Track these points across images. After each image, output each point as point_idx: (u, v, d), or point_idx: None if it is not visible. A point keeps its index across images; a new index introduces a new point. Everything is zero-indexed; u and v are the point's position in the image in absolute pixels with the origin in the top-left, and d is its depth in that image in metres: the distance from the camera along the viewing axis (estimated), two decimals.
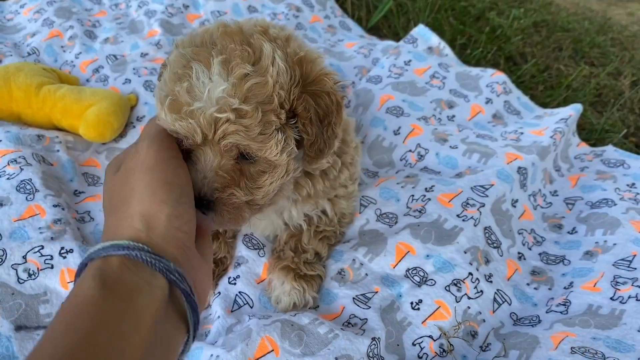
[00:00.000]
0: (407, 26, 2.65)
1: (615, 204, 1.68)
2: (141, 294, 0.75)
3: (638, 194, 1.72)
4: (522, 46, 2.76)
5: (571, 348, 1.26)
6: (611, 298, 1.40)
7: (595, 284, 1.45)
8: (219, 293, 1.47)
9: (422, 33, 2.35)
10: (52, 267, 1.37)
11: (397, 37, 2.66)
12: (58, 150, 1.72)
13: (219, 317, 1.42)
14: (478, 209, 1.58)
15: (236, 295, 1.47)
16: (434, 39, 2.33)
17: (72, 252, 1.39)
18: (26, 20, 2.31)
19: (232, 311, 1.45)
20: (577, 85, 2.48)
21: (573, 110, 1.96)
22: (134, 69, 2.07)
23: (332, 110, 1.16)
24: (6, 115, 1.78)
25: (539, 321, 1.43)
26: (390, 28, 2.74)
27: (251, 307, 1.47)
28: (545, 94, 2.40)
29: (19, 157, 1.58)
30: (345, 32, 2.61)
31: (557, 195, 1.84)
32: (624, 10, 3.67)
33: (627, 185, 1.77)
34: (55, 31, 2.21)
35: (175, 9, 2.37)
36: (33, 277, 1.34)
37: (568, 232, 1.70)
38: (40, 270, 1.35)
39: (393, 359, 1.37)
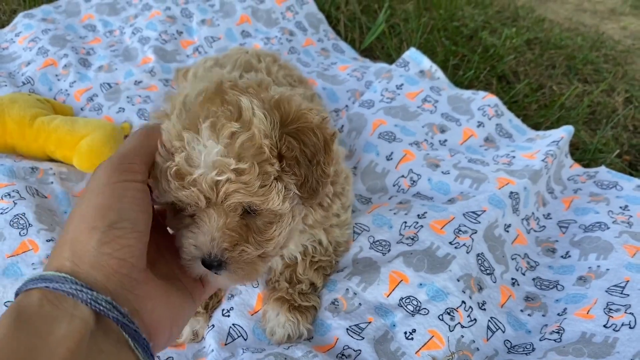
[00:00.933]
0: (400, 47, 2.67)
1: (608, 227, 1.69)
2: (59, 327, 0.73)
3: (631, 216, 1.72)
4: (515, 65, 2.77)
5: None
6: (604, 326, 1.40)
7: (589, 310, 1.45)
8: (213, 326, 1.47)
9: (414, 56, 2.37)
10: None
11: (390, 58, 2.68)
12: (52, 182, 1.72)
13: (212, 350, 1.42)
14: (470, 236, 1.58)
15: (230, 327, 1.47)
16: (426, 62, 2.35)
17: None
18: (21, 48, 2.33)
19: (225, 344, 1.45)
20: (570, 104, 2.50)
21: (565, 132, 1.96)
22: (127, 97, 2.08)
23: (319, 148, 1.16)
24: (0, 147, 1.79)
25: (533, 349, 1.42)
26: (383, 49, 2.76)
27: (245, 340, 1.47)
28: (539, 113, 2.41)
29: (13, 190, 1.59)
30: (338, 55, 2.63)
31: (550, 218, 1.84)
32: (617, 25, 3.70)
33: (620, 207, 1.77)
34: (50, 60, 2.23)
35: (168, 36, 2.39)
36: None
37: (562, 257, 1.70)
38: None
39: None
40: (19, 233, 1.49)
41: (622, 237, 1.63)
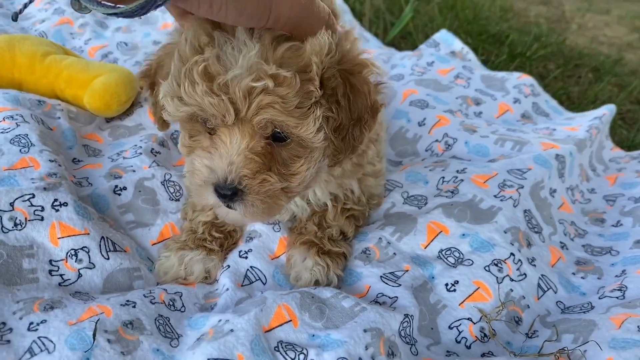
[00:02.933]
0: (426, 40, 2.60)
1: None
2: None
3: None
4: (541, 67, 2.70)
5: (638, 327, 1.09)
6: None
7: None
8: (228, 266, 1.29)
9: (445, 38, 2.29)
10: (42, 219, 1.20)
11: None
12: (59, 117, 1.58)
13: (227, 289, 1.24)
14: (517, 190, 1.43)
15: (247, 270, 1.30)
16: (457, 44, 2.27)
17: (66, 205, 1.23)
18: (36, 10, 2.24)
19: (242, 285, 1.27)
20: (604, 99, 2.40)
21: (607, 110, 1.86)
22: (145, 53, 1.98)
23: (366, 106, 1.04)
24: (6, 82, 1.66)
25: (592, 307, 1.25)
26: (407, 45, 2.69)
27: (264, 284, 1.29)
28: (572, 107, 2.31)
29: (16, 114, 1.44)
30: (363, 43, 2.55)
31: (595, 192, 1.70)
32: (635, 56, 3.67)
33: None
34: (66, 19, 2.14)
35: None
36: (19, 227, 1.17)
37: (612, 225, 1.55)
38: (29, 220, 1.18)
39: (427, 342, 1.19)
40: (20, 150, 1.34)
41: None
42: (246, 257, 1.32)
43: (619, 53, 3.44)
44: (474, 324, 1.20)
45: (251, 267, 1.30)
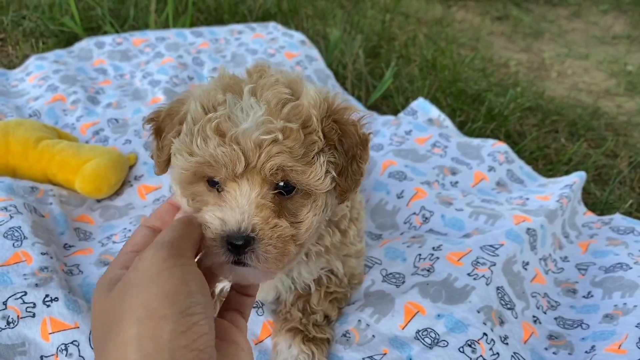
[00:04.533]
0: (406, 104, 2.70)
1: (630, 268, 1.61)
2: None
3: None
4: (519, 126, 2.80)
5: None
6: None
7: (620, 345, 1.35)
8: None
9: (422, 106, 2.39)
10: (33, 315, 1.25)
11: (397, 114, 2.70)
12: (51, 203, 1.65)
13: None
14: (489, 268, 1.50)
15: None
16: (434, 112, 2.36)
17: (57, 300, 1.29)
18: (30, 86, 2.33)
19: None
20: (578, 160, 2.49)
21: (577, 177, 1.94)
22: (135, 130, 2.06)
23: (357, 143, 1.13)
24: (1, 169, 1.73)
25: None
26: (389, 107, 2.79)
27: None
28: (546, 168, 2.40)
29: (10, 205, 1.51)
30: None
31: (567, 261, 1.77)
32: (613, 103, 3.79)
33: None
34: (59, 95, 2.23)
35: (179, 80, 2.41)
36: (12, 325, 1.23)
37: (583, 297, 1.61)
38: (21, 318, 1.24)
39: None
40: (13, 244, 1.40)
41: None
42: None
43: (597, 101, 3.56)
44: None
45: None
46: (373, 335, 1.39)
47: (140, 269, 0.76)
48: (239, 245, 1.00)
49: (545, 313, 1.56)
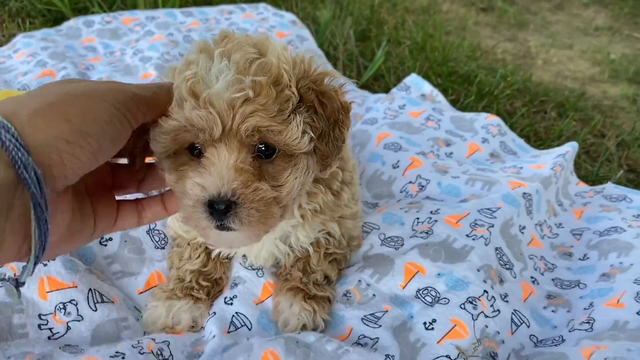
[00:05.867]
0: (398, 83, 2.70)
1: (624, 230, 1.63)
2: None
3: None
4: (509, 105, 2.83)
5: (604, 359, 1.15)
6: (637, 313, 1.31)
7: (619, 300, 1.36)
8: (214, 313, 1.34)
9: (415, 81, 2.40)
10: (31, 274, 1.22)
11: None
12: None
13: (214, 336, 1.27)
14: (487, 229, 1.51)
15: (233, 316, 1.34)
16: (427, 87, 2.37)
17: (54, 259, 1.26)
18: (18, 62, 2.29)
19: (228, 332, 1.31)
20: (568, 136, 2.52)
21: (570, 147, 1.96)
22: None
23: (338, 108, 1.12)
24: None
25: (563, 340, 1.32)
26: (380, 87, 2.79)
27: (249, 329, 1.33)
28: (537, 144, 2.42)
29: None
30: None
31: (562, 227, 1.79)
32: (598, 89, 3.84)
33: (633, 216, 1.73)
34: (48, 71, 2.19)
35: (170, 56, 2.39)
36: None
37: (579, 259, 1.63)
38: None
39: None
40: None
41: None
42: (231, 304, 1.36)
43: (582, 87, 3.60)
44: None
45: (236, 312, 1.34)
46: (374, 295, 1.39)
47: (96, 86, 0.83)
48: (221, 210, 1.00)
49: (542, 274, 1.57)
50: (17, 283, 0.79)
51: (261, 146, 1.05)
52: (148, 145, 1.05)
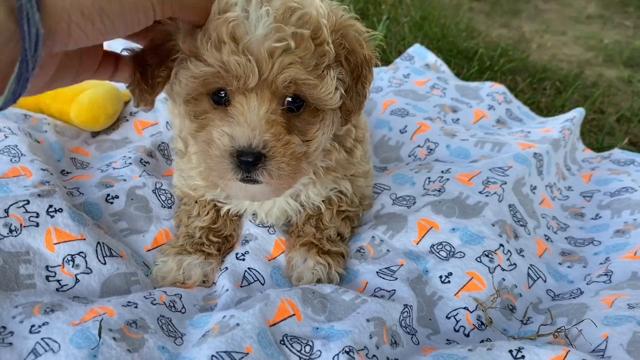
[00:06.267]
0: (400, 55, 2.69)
1: (635, 190, 1.62)
2: None
3: None
4: (509, 80, 2.82)
5: (628, 304, 1.14)
6: None
7: (636, 252, 1.35)
8: (226, 268, 1.30)
9: (419, 52, 2.38)
10: (37, 225, 1.19)
11: None
12: (46, 131, 1.58)
13: (227, 290, 1.24)
14: (500, 186, 1.49)
15: (245, 271, 1.31)
16: (431, 57, 2.35)
17: (61, 211, 1.22)
18: None
19: (241, 286, 1.27)
20: (571, 107, 2.51)
21: (577, 113, 1.95)
22: None
23: (362, 62, 1.10)
24: None
25: (581, 292, 1.30)
26: (381, 62, 2.76)
27: (262, 284, 1.30)
28: (540, 115, 2.41)
29: (4, 127, 1.44)
30: None
31: (572, 190, 1.77)
32: (594, 72, 3.85)
33: None
34: None
35: None
36: (15, 233, 1.16)
37: (592, 219, 1.61)
38: (24, 227, 1.17)
39: (427, 332, 1.22)
40: (10, 160, 1.33)
41: None
42: (243, 259, 1.32)
43: (579, 68, 3.61)
44: (471, 312, 1.23)
45: (249, 268, 1.31)
46: (388, 250, 1.36)
47: None
48: (250, 162, 0.97)
49: (555, 233, 1.55)
50: None
51: (289, 99, 1.02)
52: (158, 65, 1.01)
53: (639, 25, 4.87)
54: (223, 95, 1.03)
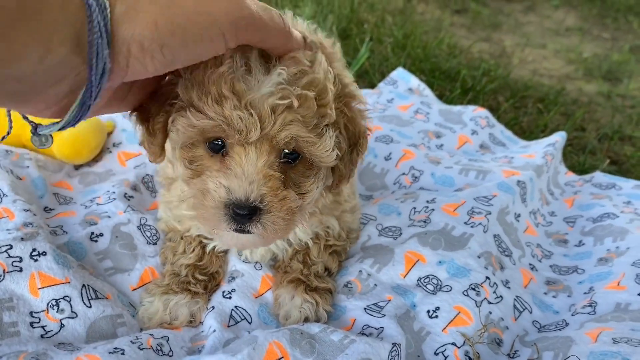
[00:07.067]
0: (382, 79, 2.71)
1: (617, 216, 1.65)
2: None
3: (637, 209, 1.70)
4: (492, 100, 2.85)
5: (612, 339, 1.15)
6: (639, 294, 1.31)
7: (619, 282, 1.37)
8: (213, 307, 1.29)
9: (402, 75, 2.39)
10: (20, 270, 1.17)
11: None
12: (28, 167, 1.56)
13: (214, 331, 1.23)
14: (485, 216, 1.50)
15: (232, 310, 1.30)
16: (414, 81, 2.37)
17: (45, 254, 1.20)
18: None
19: (228, 326, 1.26)
20: (552, 128, 2.55)
21: (559, 137, 1.98)
22: None
23: (359, 133, 1.13)
24: None
25: (567, 324, 1.32)
26: (364, 83, 2.78)
27: (250, 323, 1.29)
28: (522, 137, 2.44)
29: None
30: None
31: (555, 215, 1.79)
32: (574, 86, 3.90)
33: (624, 202, 1.75)
34: None
35: None
36: None
37: (575, 246, 1.63)
38: (7, 272, 1.15)
39: None
40: None
41: (634, 223, 1.59)
42: (230, 297, 1.32)
43: (560, 83, 3.66)
44: (458, 348, 1.23)
45: (236, 306, 1.30)
46: (375, 284, 1.37)
47: None
48: (244, 215, 0.97)
49: (540, 261, 1.57)
50: (36, 129, 0.79)
51: (287, 151, 1.02)
52: (157, 111, 1.02)
53: (617, 37, 4.94)
54: (220, 143, 1.02)
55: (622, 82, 3.84)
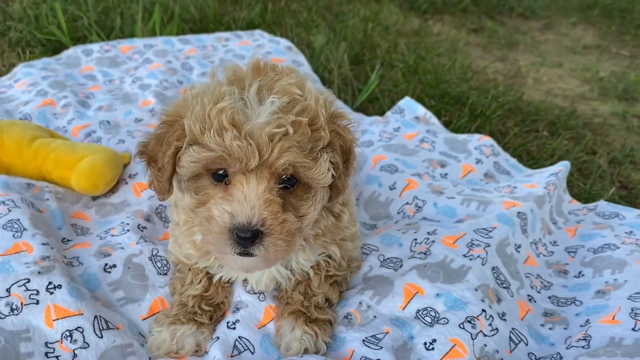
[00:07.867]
0: (392, 106, 2.75)
1: (618, 248, 1.67)
2: None
3: (638, 239, 1.71)
4: (501, 125, 2.88)
5: None
6: (632, 329, 1.34)
7: (614, 317, 1.39)
8: (217, 338, 1.36)
9: (408, 104, 2.45)
10: (37, 302, 1.25)
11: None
12: (47, 199, 1.65)
13: None
14: (484, 249, 1.54)
15: (236, 340, 1.36)
16: (420, 110, 2.42)
17: (60, 287, 1.29)
18: (19, 92, 2.33)
19: (232, 356, 1.33)
20: (560, 155, 2.56)
21: (562, 166, 2.00)
22: (127, 131, 2.07)
23: (350, 148, 1.23)
24: None
25: (561, 358, 1.34)
26: (375, 109, 2.84)
27: (252, 353, 1.35)
28: (530, 163, 2.46)
29: (7, 199, 1.51)
30: None
31: (557, 245, 1.82)
32: (588, 107, 3.90)
33: (626, 232, 1.77)
34: (49, 100, 2.23)
35: (169, 84, 2.44)
36: (16, 312, 1.22)
37: (574, 276, 1.66)
38: (24, 305, 1.24)
39: None
40: (13, 235, 1.41)
41: (634, 255, 1.61)
42: (234, 328, 1.38)
43: (573, 105, 3.65)
44: None
45: (239, 337, 1.36)
46: (374, 316, 1.41)
47: None
48: (247, 238, 1.06)
49: (539, 292, 1.60)
50: None
51: (285, 177, 1.11)
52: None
53: (635, 55, 4.91)
54: (223, 172, 1.12)
55: (638, 101, 3.82)
